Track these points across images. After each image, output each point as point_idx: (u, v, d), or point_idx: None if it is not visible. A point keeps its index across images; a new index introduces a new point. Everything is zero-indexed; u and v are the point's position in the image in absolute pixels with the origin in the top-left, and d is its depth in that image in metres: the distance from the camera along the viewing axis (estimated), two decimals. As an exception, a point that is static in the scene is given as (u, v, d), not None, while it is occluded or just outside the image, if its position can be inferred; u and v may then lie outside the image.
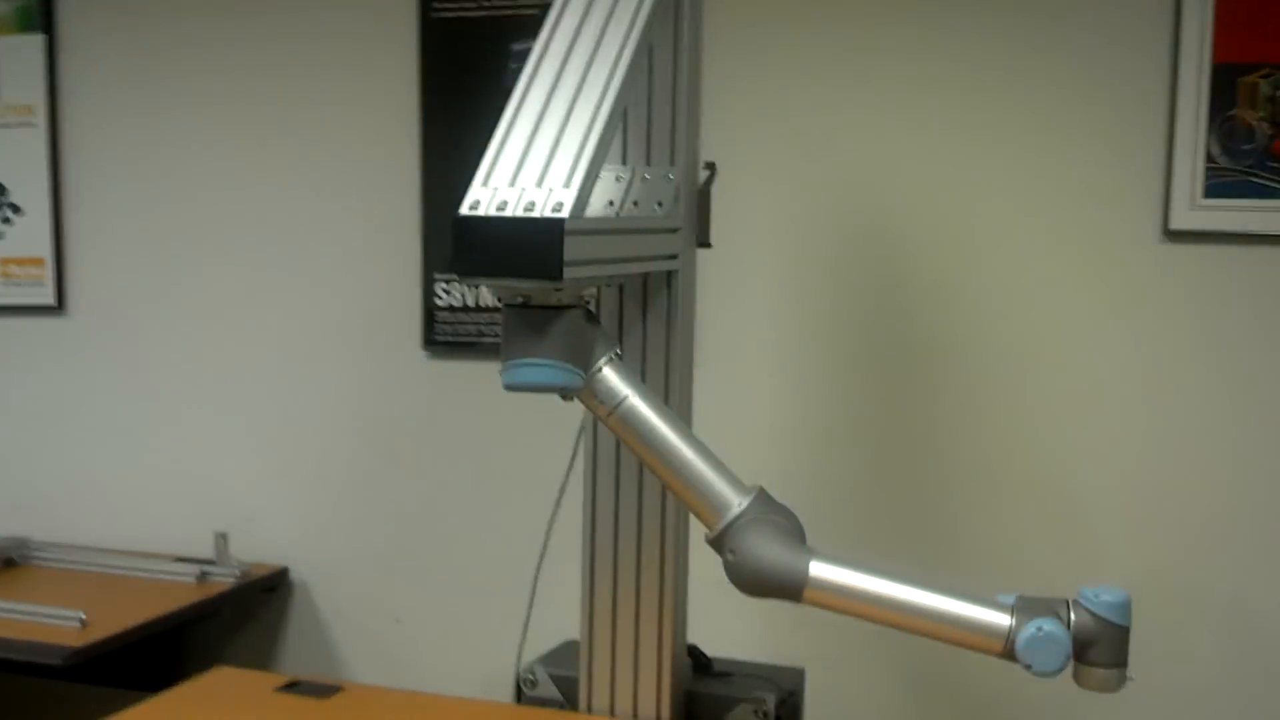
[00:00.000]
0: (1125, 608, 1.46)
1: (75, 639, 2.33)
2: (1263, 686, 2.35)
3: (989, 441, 2.45)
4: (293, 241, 2.88)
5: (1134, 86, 2.34)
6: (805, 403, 2.56)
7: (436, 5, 2.70)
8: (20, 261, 3.11)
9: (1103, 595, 1.46)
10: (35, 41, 3.03)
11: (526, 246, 1.40)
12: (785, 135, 2.53)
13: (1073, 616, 1.46)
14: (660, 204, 1.75)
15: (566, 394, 1.56)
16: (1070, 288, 2.39)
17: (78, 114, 3.03)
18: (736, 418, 2.60)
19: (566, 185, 1.43)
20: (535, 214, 1.39)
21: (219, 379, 2.97)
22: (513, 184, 1.44)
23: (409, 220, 2.78)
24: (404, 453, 2.84)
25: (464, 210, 1.42)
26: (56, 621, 2.42)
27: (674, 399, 1.80)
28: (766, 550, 1.51)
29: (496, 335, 2.72)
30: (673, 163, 1.76)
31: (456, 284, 2.76)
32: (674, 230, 1.74)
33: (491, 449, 2.77)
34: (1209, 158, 2.31)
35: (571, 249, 1.40)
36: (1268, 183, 2.28)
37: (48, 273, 3.09)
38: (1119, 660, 1.47)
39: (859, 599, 1.49)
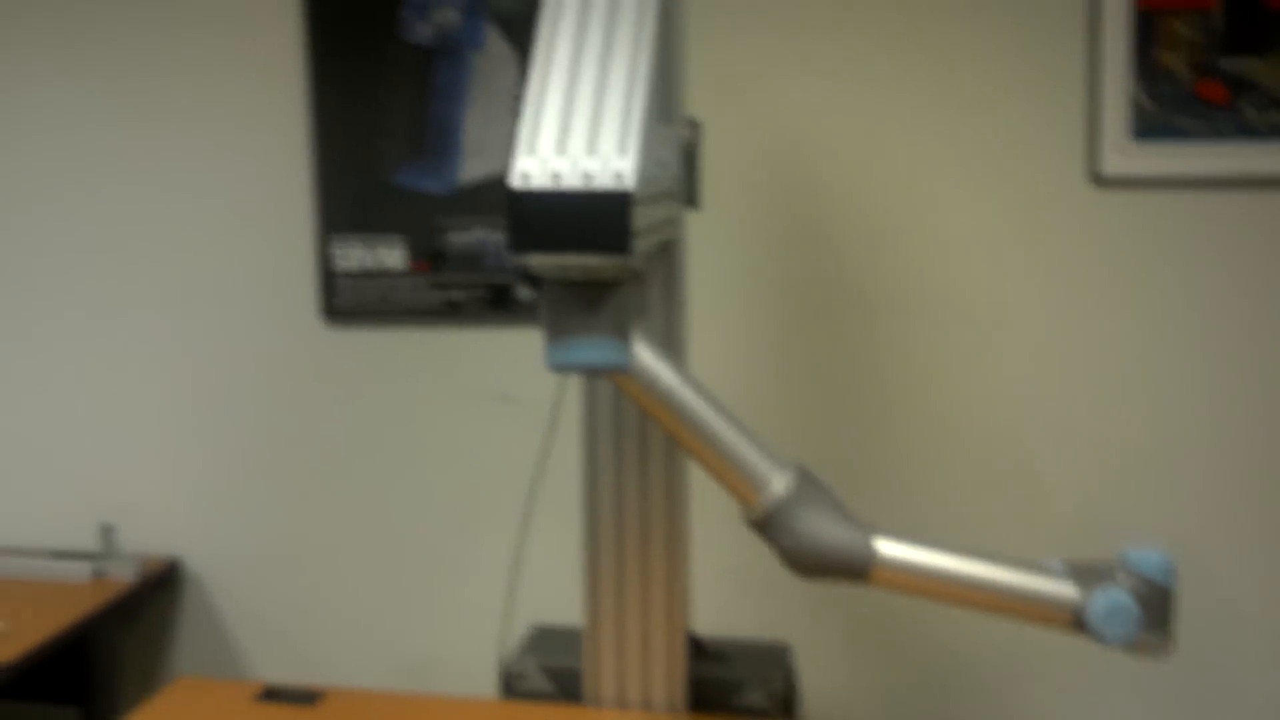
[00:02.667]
0: (1171, 570, 1.46)
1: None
2: (1198, 635, 2.42)
3: (929, 389, 2.44)
4: (172, 209, 2.67)
5: (1056, 32, 2.34)
6: (751, 358, 2.51)
7: (331, -49, 2.53)
8: None
9: (1150, 558, 1.46)
10: None
11: (592, 220, 1.29)
12: (718, 90, 2.46)
13: (1126, 581, 1.45)
14: (664, 164, 1.66)
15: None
16: (1003, 236, 2.39)
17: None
18: (710, 378, 2.53)
19: (621, 152, 1.33)
20: (596, 186, 1.29)
21: (95, 356, 2.74)
22: (562, 152, 1.33)
23: (297, 180, 2.60)
24: (304, 431, 2.67)
25: (515, 183, 1.31)
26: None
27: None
28: (828, 531, 1.45)
29: (400, 303, 2.57)
30: (668, 120, 1.67)
31: (356, 248, 2.59)
32: (675, 193, 1.65)
33: (397, 424, 2.63)
34: (1134, 103, 2.33)
35: (639, 220, 1.31)
36: (1192, 127, 2.32)
37: (-124, 248, 2.79)
38: (1165, 623, 1.46)
39: (926, 575, 1.45)
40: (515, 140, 1.36)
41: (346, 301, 2.61)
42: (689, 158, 1.75)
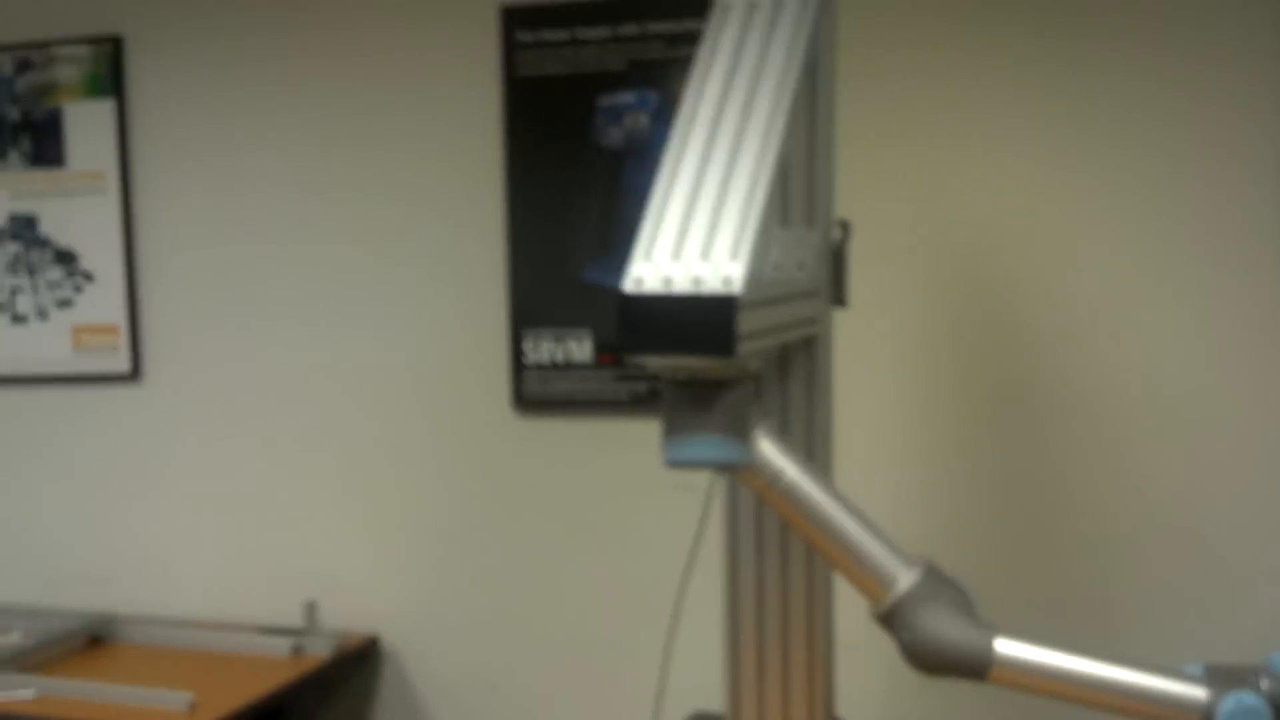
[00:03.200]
0: (1319, 675, 1.41)
1: (183, 724, 2.29)
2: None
3: (1121, 491, 2.39)
4: (374, 301, 2.83)
5: (1243, 108, 2.29)
6: (931, 457, 2.51)
7: (521, 62, 2.66)
8: (94, 329, 3.07)
9: (1295, 662, 1.41)
10: (105, 107, 3.00)
11: (697, 323, 1.35)
12: (902, 175, 2.49)
13: (1264, 685, 1.40)
14: (802, 266, 1.70)
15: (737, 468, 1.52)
16: (1185, 325, 2.33)
17: (150, 178, 2.99)
18: (862, 475, 2.55)
19: (733, 257, 1.38)
20: (704, 290, 1.35)
21: (301, 442, 2.92)
22: (676, 258, 1.39)
23: (494, 276, 2.74)
24: (494, 514, 2.79)
25: (628, 288, 1.38)
26: (163, 704, 2.37)
27: (816, 466, 1.75)
28: (948, 628, 1.45)
29: (587, 394, 2.67)
30: (811, 222, 1.72)
31: (546, 341, 2.71)
32: (815, 293, 1.69)
33: (585, 510, 2.72)
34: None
35: (746, 323, 1.36)
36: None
37: (122, 340, 3.05)
38: (1314, 732, 1.41)
39: (1047, 676, 1.43)
40: (635, 246, 1.43)
41: (536, 392, 2.72)
42: (836, 258, 1.79)
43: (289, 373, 2.92)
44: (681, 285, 1.37)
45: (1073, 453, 2.42)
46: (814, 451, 1.74)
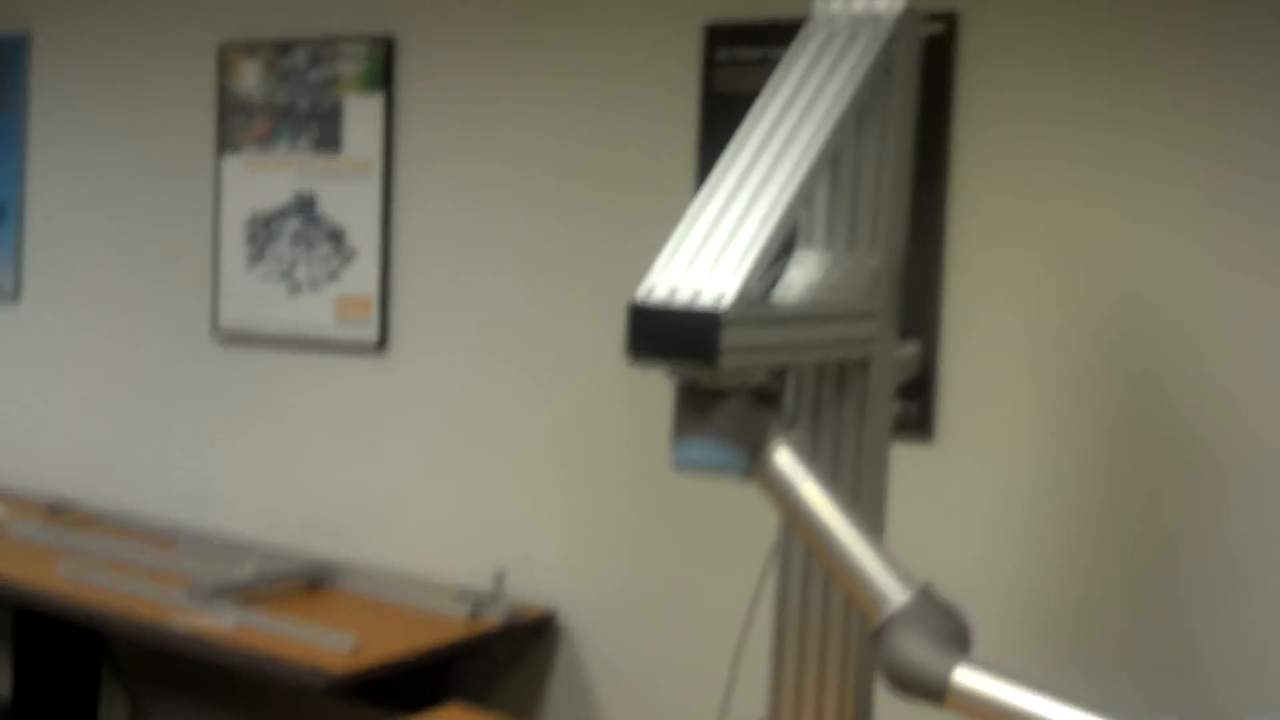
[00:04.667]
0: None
1: (343, 664, 2.55)
2: None
3: (1240, 543, 2.30)
4: (591, 293, 3.02)
5: None
6: (1047, 492, 2.49)
7: (717, 79, 2.79)
8: (353, 301, 3.40)
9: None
10: (375, 101, 3.32)
11: (687, 333, 1.46)
12: (1039, 215, 2.47)
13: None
14: (855, 290, 1.77)
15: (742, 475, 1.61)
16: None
17: (408, 168, 3.29)
18: (971, 503, 2.56)
19: (734, 273, 1.48)
20: (698, 303, 1.46)
21: (515, 420, 3.15)
22: (688, 271, 1.51)
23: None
24: (675, 503, 2.92)
25: (638, 295, 1.50)
26: (330, 644, 2.64)
27: (865, 485, 1.80)
28: (914, 651, 1.49)
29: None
30: (874, 247, 1.78)
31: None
32: (869, 316, 1.75)
33: (763, 505, 2.81)
34: None
35: (732, 337, 1.45)
36: None
37: (374, 312, 3.37)
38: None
39: (1003, 712, 1.46)
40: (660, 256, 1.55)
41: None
42: (898, 287, 1.83)
43: (512, 355, 3.15)
44: (682, 297, 1.48)
45: (1200, 501, 2.34)
46: (863, 469, 1.80)
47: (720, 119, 2.79)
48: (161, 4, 3.72)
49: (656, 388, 2.93)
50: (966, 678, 1.47)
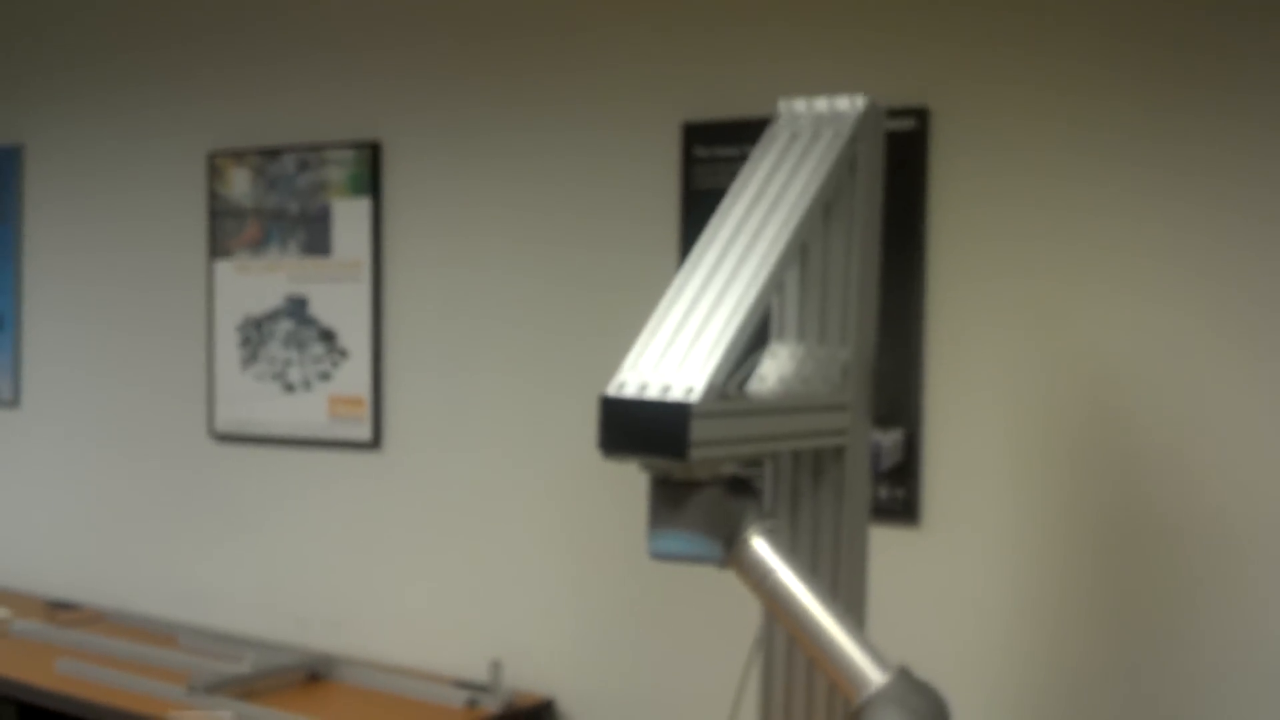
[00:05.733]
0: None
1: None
2: None
3: (1225, 627, 2.33)
4: (574, 385, 3.07)
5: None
6: (1032, 577, 2.52)
7: (696, 175, 2.86)
8: (345, 400, 3.46)
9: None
10: (363, 204, 3.40)
11: (658, 427, 1.50)
12: (1015, 300, 2.54)
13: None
14: (827, 381, 1.82)
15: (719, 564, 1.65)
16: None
17: (397, 268, 3.36)
18: (957, 587, 2.59)
19: (702, 369, 1.53)
20: (668, 396, 1.50)
21: (506, 514, 3.19)
22: (657, 367, 1.55)
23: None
24: (669, 592, 2.94)
25: (610, 390, 1.55)
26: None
27: (845, 570, 1.84)
28: (892, 731, 1.53)
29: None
30: (845, 338, 1.83)
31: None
32: (842, 407, 1.80)
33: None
34: None
35: (701, 430, 1.50)
36: None
37: (367, 411, 3.42)
38: None
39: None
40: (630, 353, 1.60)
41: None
42: (870, 377, 1.88)
43: (504, 449, 3.20)
44: (653, 391, 1.53)
45: (1183, 584, 2.37)
46: (842, 554, 1.84)
47: (701, 214, 2.85)
48: (151, 115, 3.82)
49: (646, 478, 2.96)
50: (942, 758, 1.50)
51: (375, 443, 3.41)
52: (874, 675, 1.58)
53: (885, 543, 2.62)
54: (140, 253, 3.87)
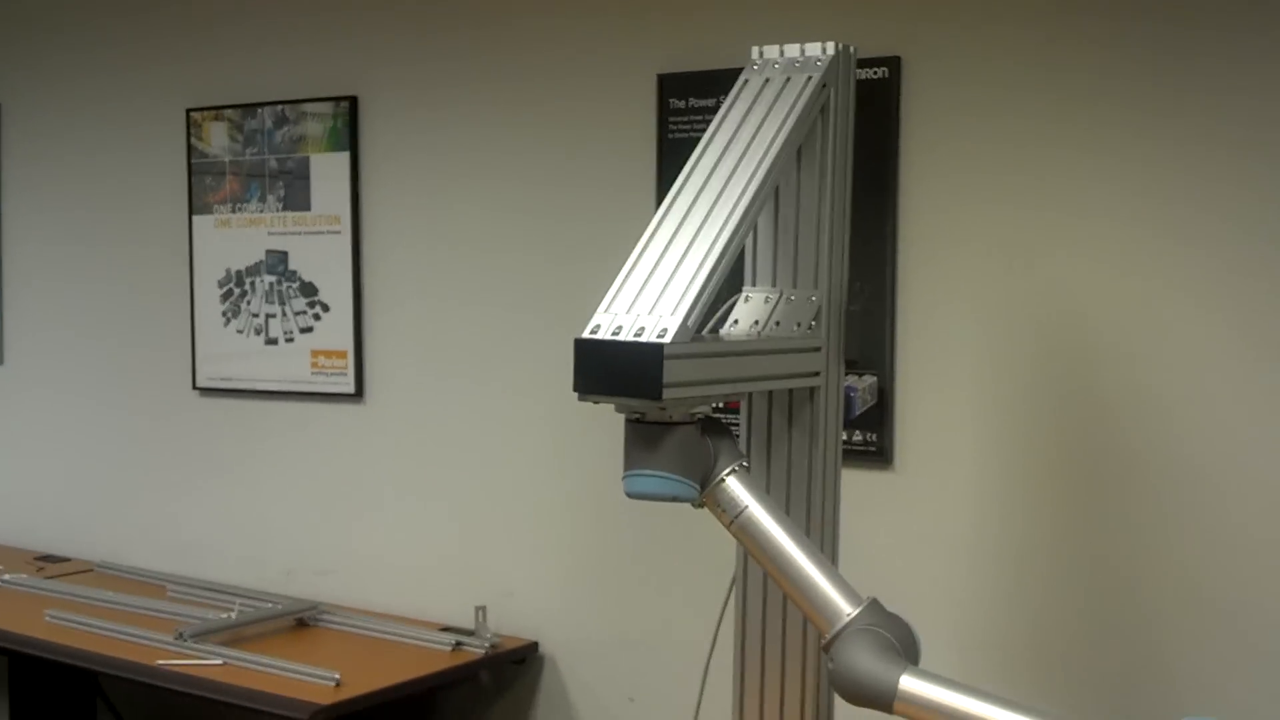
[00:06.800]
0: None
1: (328, 697, 2.64)
2: None
3: (1187, 561, 2.39)
4: (553, 338, 3.10)
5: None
6: (1000, 517, 2.58)
7: (673, 126, 2.89)
8: (327, 354, 3.49)
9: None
10: (342, 159, 3.42)
11: (632, 369, 1.54)
12: (984, 247, 2.57)
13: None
14: (799, 324, 1.86)
15: (695, 502, 1.70)
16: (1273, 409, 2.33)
17: (376, 222, 3.39)
18: (929, 527, 2.65)
19: (674, 312, 1.57)
20: (642, 339, 1.54)
21: (489, 462, 3.23)
22: (630, 310, 1.59)
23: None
24: (650, 533, 2.99)
25: (584, 334, 1.59)
26: (315, 679, 2.72)
27: (818, 508, 1.89)
28: (862, 661, 1.58)
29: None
30: (817, 284, 1.86)
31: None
32: (815, 349, 1.84)
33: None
34: None
35: (675, 371, 1.54)
36: None
37: (349, 364, 3.45)
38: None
39: (944, 714, 1.54)
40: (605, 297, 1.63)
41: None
42: (842, 320, 1.92)
43: (486, 396, 3.24)
44: (626, 334, 1.57)
45: (1145, 524, 2.43)
46: (814, 494, 1.88)
47: (677, 164, 2.84)
48: (129, 72, 3.82)
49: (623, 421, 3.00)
50: (912, 685, 1.56)
51: (358, 394, 3.45)
52: (845, 607, 1.63)
53: (859, 484, 2.66)
54: (120, 210, 3.88)
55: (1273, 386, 2.32)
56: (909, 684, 1.56)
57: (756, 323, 1.87)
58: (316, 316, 3.51)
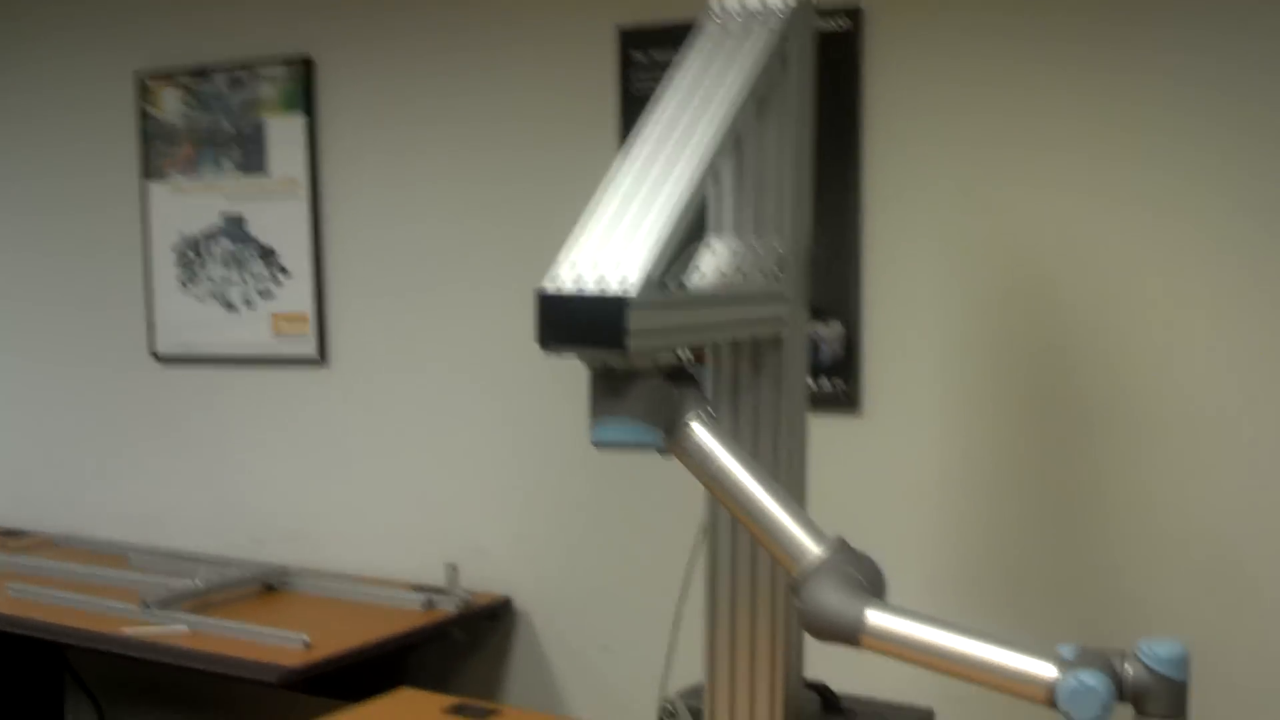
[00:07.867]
0: (1180, 662, 1.47)
1: (298, 658, 2.63)
2: None
3: (1146, 497, 2.42)
4: (515, 288, 3.10)
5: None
6: (966, 458, 2.60)
7: (634, 81, 2.88)
8: (288, 318, 3.47)
9: (1157, 649, 1.48)
10: (298, 122, 3.39)
11: (594, 320, 1.54)
12: (948, 196, 2.59)
13: (1128, 669, 1.49)
14: (764, 273, 1.86)
15: (660, 450, 1.70)
16: (1231, 355, 2.35)
17: (335, 185, 3.37)
18: (898, 471, 2.67)
19: (639, 259, 1.57)
20: (604, 290, 1.54)
21: (456, 422, 3.23)
22: (593, 261, 1.59)
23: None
24: (617, 484, 3.01)
25: (545, 286, 1.59)
26: (284, 642, 2.72)
27: (786, 455, 1.90)
28: (828, 597, 1.59)
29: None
30: (781, 232, 1.87)
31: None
32: (780, 297, 1.84)
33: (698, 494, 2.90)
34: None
35: (638, 321, 1.53)
36: None
37: (310, 327, 3.44)
38: (1176, 713, 1.48)
39: (912, 646, 1.55)
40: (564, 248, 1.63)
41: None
42: (807, 268, 1.93)
43: (448, 355, 3.23)
44: (587, 286, 1.56)
45: (1106, 461, 2.46)
46: (781, 440, 1.89)
47: (639, 119, 2.87)
48: (75, 35, 3.77)
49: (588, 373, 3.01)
50: (878, 618, 1.57)
51: (321, 358, 3.44)
52: (812, 547, 1.64)
53: (826, 430, 2.69)
54: (71, 177, 3.84)
55: (1234, 319, 2.35)
56: (875, 617, 1.57)
57: (721, 272, 1.87)
58: (276, 281, 3.49)
